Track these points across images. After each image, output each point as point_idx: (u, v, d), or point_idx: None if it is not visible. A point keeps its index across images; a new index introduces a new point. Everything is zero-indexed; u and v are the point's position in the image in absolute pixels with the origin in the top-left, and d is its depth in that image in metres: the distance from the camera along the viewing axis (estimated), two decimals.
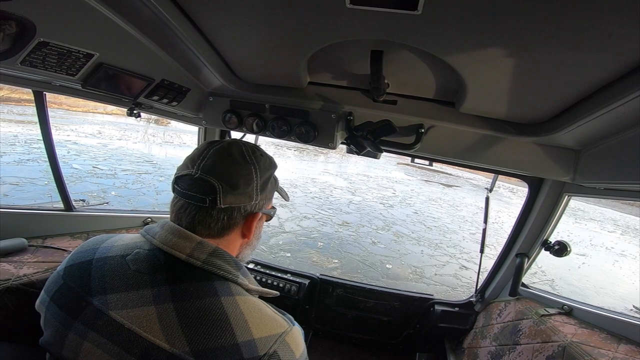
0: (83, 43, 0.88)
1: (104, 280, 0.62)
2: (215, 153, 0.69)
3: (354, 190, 13.55)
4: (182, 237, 0.65)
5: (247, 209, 0.71)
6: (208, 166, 0.67)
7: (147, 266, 0.62)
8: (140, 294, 0.59)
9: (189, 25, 0.83)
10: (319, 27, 0.76)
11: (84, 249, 0.69)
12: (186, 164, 0.70)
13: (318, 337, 2.42)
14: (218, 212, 0.67)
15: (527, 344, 1.47)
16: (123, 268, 0.63)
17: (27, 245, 1.28)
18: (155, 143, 15.56)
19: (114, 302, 0.59)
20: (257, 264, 2.35)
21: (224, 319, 0.58)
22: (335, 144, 1.32)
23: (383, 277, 5.94)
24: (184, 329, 0.56)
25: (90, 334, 0.58)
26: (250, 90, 1.26)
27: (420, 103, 1.15)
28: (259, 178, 0.72)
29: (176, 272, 0.62)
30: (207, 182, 0.65)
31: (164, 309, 0.57)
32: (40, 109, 1.34)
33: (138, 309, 0.58)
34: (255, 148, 0.75)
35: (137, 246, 0.66)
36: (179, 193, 0.68)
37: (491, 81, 0.86)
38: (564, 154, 1.21)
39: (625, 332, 1.27)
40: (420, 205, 12.78)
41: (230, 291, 0.63)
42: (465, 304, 2.12)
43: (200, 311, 0.58)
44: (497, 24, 0.60)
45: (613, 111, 0.74)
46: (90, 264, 0.65)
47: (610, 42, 0.57)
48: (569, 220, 15.15)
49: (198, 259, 0.63)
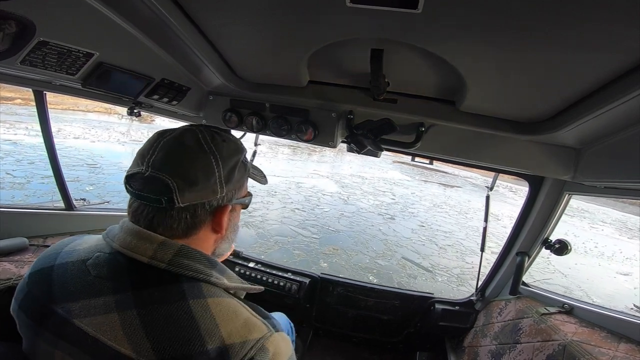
0: (83, 42, 0.88)
1: (65, 288, 0.58)
2: (166, 145, 0.61)
3: (346, 197, 11.61)
4: (142, 238, 0.59)
5: (213, 204, 0.64)
6: (159, 161, 0.59)
7: (108, 271, 0.58)
8: (102, 301, 0.56)
9: (189, 24, 0.82)
10: (319, 26, 0.76)
11: (47, 254, 0.66)
12: (136, 161, 0.62)
13: (319, 335, 2.42)
14: (178, 212, 0.61)
15: (528, 343, 1.47)
16: (83, 274, 0.59)
17: (29, 244, 1.28)
18: (119, 142, 13.84)
19: (76, 310, 0.56)
20: (257, 263, 2.36)
21: (192, 324, 0.54)
22: (335, 142, 1.32)
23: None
24: (149, 336, 0.53)
25: (60, 342, 0.56)
26: (250, 89, 1.26)
27: (420, 102, 1.14)
28: (222, 168, 0.64)
29: (139, 277, 0.57)
30: (159, 180, 0.58)
31: (127, 316, 0.54)
32: (41, 109, 1.34)
33: (101, 316, 0.55)
34: (215, 134, 0.67)
35: (97, 249, 0.62)
36: (131, 194, 0.61)
37: (491, 80, 0.86)
38: (565, 152, 1.21)
39: (626, 331, 1.27)
40: (425, 215, 10.96)
41: (201, 293, 0.58)
42: (466, 303, 2.12)
43: (166, 317, 0.54)
44: (498, 22, 0.60)
45: (614, 110, 0.74)
46: (52, 270, 0.61)
47: (611, 41, 0.57)
48: (584, 225, 14.05)
49: (162, 261, 0.58)
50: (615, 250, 10.36)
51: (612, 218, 17.19)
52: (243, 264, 2.30)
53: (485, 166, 1.51)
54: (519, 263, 1.74)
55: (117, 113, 19.68)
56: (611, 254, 9.79)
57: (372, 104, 1.17)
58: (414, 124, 1.29)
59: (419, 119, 1.23)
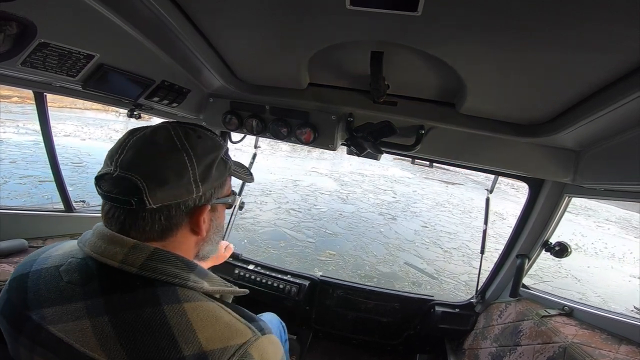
0: (84, 44, 0.88)
1: (39, 294, 0.57)
2: (136, 143, 0.59)
3: (345, 195, 11.01)
4: (112, 242, 0.57)
5: (189, 204, 0.61)
6: (127, 161, 0.57)
7: (79, 277, 0.57)
8: (73, 307, 0.54)
9: (190, 26, 0.83)
10: (319, 28, 0.76)
11: (25, 261, 0.65)
12: (106, 161, 0.60)
13: (318, 338, 2.41)
14: (151, 214, 0.58)
15: (528, 345, 1.46)
16: (56, 280, 0.58)
17: (28, 246, 1.28)
18: (111, 140, 12.88)
19: (49, 316, 0.55)
20: (257, 265, 2.35)
21: (167, 331, 0.52)
22: (335, 145, 1.32)
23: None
24: (122, 343, 0.51)
25: (37, 348, 0.56)
26: (250, 92, 1.27)
27: (420, 104, 1.15)
28: (197, 166, 0.60)
29: (110, 282, 0.56)
30: (128, 180, 0.55)
31: (99, 322, 0.52)
32: (41, 110, 1.34)
33: (72, 322, 0.53)
34: (190, 130, 0.63)
35: (71, 255, 0.61)
36: (101, 196, 0.59)
37: (491, 82, 0.86)
38: (565, 154, 1.21)
39: (626, 333, 1.26)
40: (427, 214, 10.38)
41: (177, 298, 0.55)
42: (466, 305, 2.12)
43: (139, 323, 0.52)
44: (497, 24, 0.60)
45: (613, 112, 0.74)
46: (27, 277, 0.60)
47: (611, 43, 0.57)
48: (590, 224, 13.37)
49: (133, 265, 0.55)
50: (625, 250, 10.01)
51: (617, 216, 16.74)
52: (242, 267, 2.30)
53: (485, 169, 1.51)
54: (519, 265, 1.74)
55: (115, 110, 19.64)
56: (622, 255, 9.50)
57: (372, 106, 1.18)
58: (413, 126, 1.29)
59: (418, 121, 1.23)
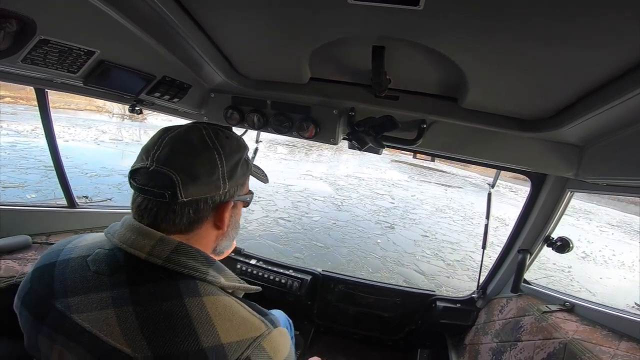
0: (84, 40, 0.88)
1: (65, 283, 0.59)
2: (171, 141, 0.62)
3: (340, 202, 10.28)
4: (141, 234, 0.60)
5: (216, 199, 0.65)
6: (164, 156, 0.60)
7: (107, 267, 0.59)
8: (99, 296, 0.56)
9: (190, 22, 0.82)
10: (321, 23, 0.76)
11: (50, 251, 0.67)
12: (141, 156, 0.63)
13: (320, 333, 2.43)
14: (181, 207, 0.61)
15: (529, 341, 1.47)
16: (83, 270, 0.60)
17: (31, 242, 1.29)
18: (96, 141, 12.62)
19: (74, 305, 0.57)
20: (259, 260, 2.36)
21: (187, 323, 0.54)
22: (337, 139, 1.32)
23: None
24: (145, 333, 0.53)
25: (58, 337, 0.57)
26: (251, 87, 1.26)
27: (422, 98, 1.14)
28: (225, 164, 0.65)
29: (136, 273, 0.58)
30: (163, 175, 0.59)
31: (124, 312, 0.55)
32: (42, 107, 1.34)
33: (97, 312, 0.55)
34: (219, 131, 0.68)
35: (98, 246, 0.63)
36: (135, 188, 0.62)
37: (494, 77, 0.86)
38: (568, 149, 1.20)
39: (627, 330, 1.26)
40: (427, 222, 9.82)
41: (197, 291, 0.58)
42: (467, 300, 2.13)
43: (161, 314, 0.54)
44: (500, 18, 0.59)
45: (617, 107, 0.73)
46: (54, 266, 0.62)
47: (615, 38, 0.57)
48: (592, 228, 13.00)
49: (159, 257, 0.58)
50: (633, 258, 9.69)
51: (618, 220, 16.41)
52: (244, 261, 2.31)
53: (488, 163, 1.50)
54: (520, 261, 1.74)
55: (108, 111, 19.45)
56: (631, 263, 9.17)
57: (374, 100, 1.17)
58: (415, 120, 1.28)
59: (420, 115, 1.23)
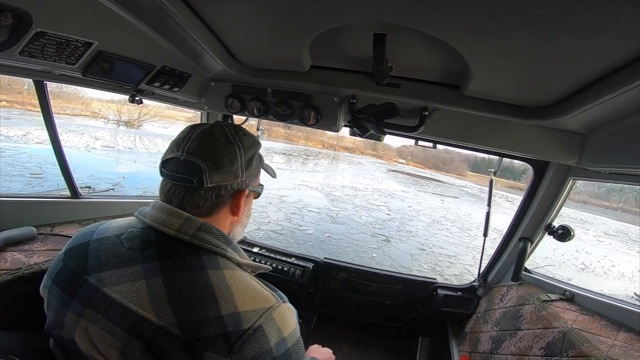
0: (81, 32, 0.87)
1: (99, 259, 0.65)
2: (199, 135, 0.72)
3: (336, 213, 10.02)
4: (171, 214, 0.68)
5: (234, 187, 0.74)
6: (193, 148, 0.70)
7: (139, 243, 0.65)
8: (132, 269, 0.62)
9: (188, 10, 0.81)
10: (321, 10, 0.75)
11: (83, 232, 0.74)
12: (171, 148, 0.72)
13: (322, 320, 2.47)
14: (205, 192, 0.70)
15: (528, 330, 1.49)
16: (117, 246, 0.66)
17: (37, 233, 1.30)
18: (87, 148, 11.93)
19: (107, 278, 0.62)
20: (261, 248, 2.39)
21: (209, 291, 0.60)
22: (338, 126, 1.32)
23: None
24: (171, 301, 0.59)
25: (86, 311, 0.61)
26: (251, 75, 1.25)
27: (424, 86, 1.13)
28: (244, 156, 0.74)
29: (166, 247, 0.65)
30: (192, 164, 0.68)
31: (153, 282, 0.60)
32: (42, 98, 1.34)
33: (130, 284, 0.61)
34: (238, 128, 0.78)
35: (130, 226, 0.70)
36: (166, 176, 0.71)
37: (496, 64, 0.84)
38: (570, 137, 1.19)
39: (626, 320, 1.27)
40: (424, 233, 9.70)
41: (218, 264, 0.65)
42: (468, 289, 2.14)
43: (187, 284, 0.60)
44: (502, 7, 0.58)
45: (621, 96, 0.73)
46: (88, 245, 0.69)
47: (617, 28, 0.56)
48: (590, 238, 12.60)
49: (186, 234, 0.66)
50: (632, 269, 9.57)
51: (614, 229, 16.06)
52: (247, 249, 2.33)
53: (489, 150, 1.49)
54: (521, 249, 1.74)
55: (104, 118, 19.34)
56: (631, 274, 9.07)
57: (375, 88, 1.16)
58: (417, 108, 1.27)
59: (422, 103, 1.22)
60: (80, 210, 1.59)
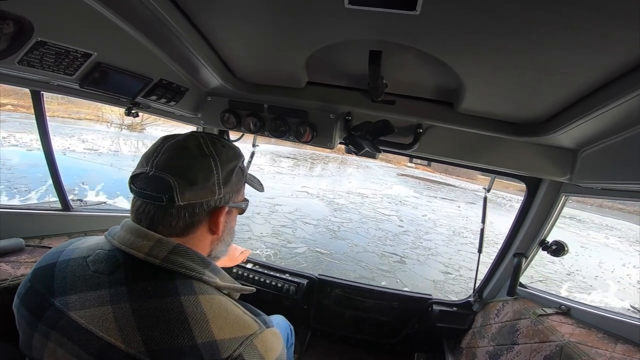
0: (81, 43, 0.87)
1: (65, 282, 0.62)
2: (170, 148, 0.66)
3: (337, 226, 8.59)
4: (140, 236, 0.63)
5: (211, 204, 0.68)
6: (162, 162, 0.64)
7: (106, 266, 0.61)
8: (97, 294, 0.59)
9: (188, 25, 0.82)
10: (318, 27, 0.76)
11: (51, 252, 0.69)
12: (141, 162, 0.67)
13: (316, 337, 2.42)
14: (178, 210, 0.64)
15: (525, 344, 1.47)
16: (83, 269, 0.62)
17: (25, 245, 1.27)
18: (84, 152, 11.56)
19: (72, 302, 0.59)
20: (255, 264, 2.35)
21: (182, 319, 0.56)
22: (333, 143, 1.33)
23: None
24: (140, 328, 0.55)
25: (53, 334, 0.58)
26: (248, 90, 1.27)
27: (418, 103, 1.15)
28: (221, 171, 0.68)
29: (134, 272, 0.61)
30: (162, 180, 0.62)
31: (120, 308, 0.57)
32: (38, 109, 1.33)
33: (95, 309, 0.58)
34: (216, 139, 0.72)
35: (98, 247, 0.65)
36: (135, 193, 0.66)
37: (489, 82, 0.87)
38: (562, 154, 1.22)
39: (623, 332, 1.27)
40: (446, 250, 8.03)
41: (193, 289, 0.60)
42: (463, 304, 2.13)
43: (157, 311, 0.56)
44: (495, 24, 0.60)
45: (610, 111, 0.75)
46: (54, 266, 0.65)
47: (608, 44, 0.58)
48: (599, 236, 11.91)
49: (157, 258, 0.61)
50: (632, 272, 8.94)
51: (611, 227, 15.16)
52: (241, 265, 2.30)
53: (483, 168, 1.51)
54: (516, 264, 1.75)
55: (107, 121, 19.23)
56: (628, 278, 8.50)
57: (370, 105, 1.18)
58: (411, 125, 1.29)
59: (416, 120, 1.24)
60: (71, 223, 1.56)
